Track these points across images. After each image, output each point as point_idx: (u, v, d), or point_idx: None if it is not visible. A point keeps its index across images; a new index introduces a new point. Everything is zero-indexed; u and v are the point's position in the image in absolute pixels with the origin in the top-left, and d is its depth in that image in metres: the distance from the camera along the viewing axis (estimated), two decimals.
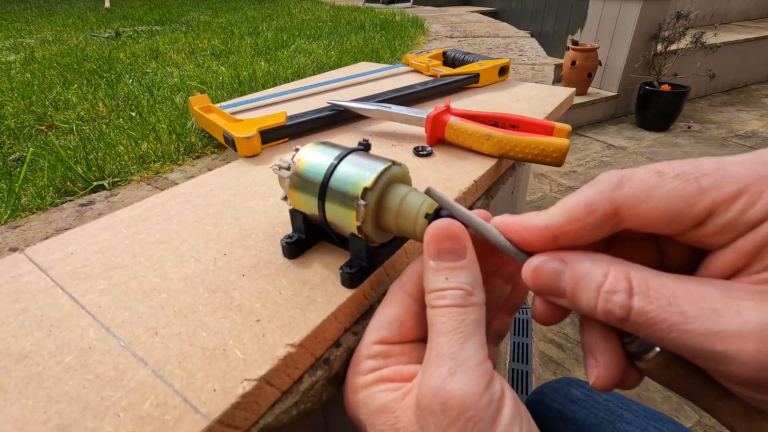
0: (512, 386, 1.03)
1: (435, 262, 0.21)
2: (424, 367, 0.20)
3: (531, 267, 0.19)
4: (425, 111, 0.48)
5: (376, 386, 0.22)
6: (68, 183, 0.47)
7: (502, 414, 0.18)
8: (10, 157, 0.57)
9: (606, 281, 0.17)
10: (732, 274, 0.16)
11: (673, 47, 2.63)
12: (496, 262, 0.25)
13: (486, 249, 0.24)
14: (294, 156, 0.28)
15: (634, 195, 0.16)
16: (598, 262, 0.17)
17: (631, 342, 0.19)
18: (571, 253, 0.18)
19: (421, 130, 0.51)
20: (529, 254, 0.20)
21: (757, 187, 0.14)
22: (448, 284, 0.21)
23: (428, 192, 0.23)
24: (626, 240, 0.21)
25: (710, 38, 2.62)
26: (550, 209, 0.19)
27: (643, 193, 0.16)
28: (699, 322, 0.14)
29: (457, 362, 0.19)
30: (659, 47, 2.67)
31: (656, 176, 0.16)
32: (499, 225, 0.21)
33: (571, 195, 0.18)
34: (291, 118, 0.51)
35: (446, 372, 0.19)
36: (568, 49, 2.74)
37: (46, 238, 0.37)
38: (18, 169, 0.51)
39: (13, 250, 0.36)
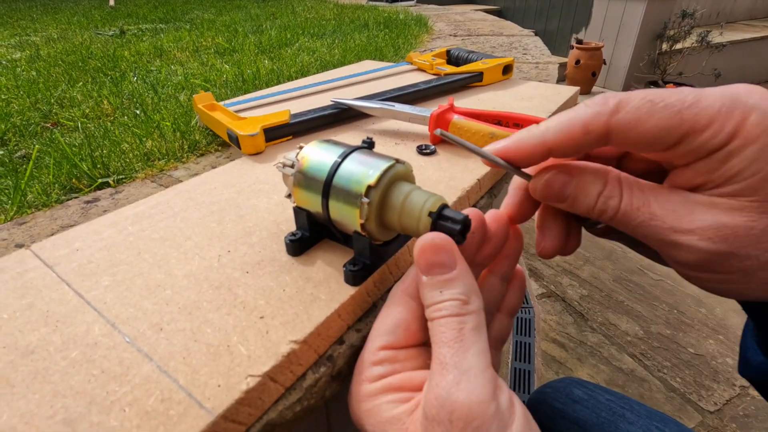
0: (514, 385, 1.03)
1: (427, 277, 0.21)
2: (429, 377, 0.20)
3: (542, 180, 0.21)
4: (429, 109, 0.48)
5: (385, 396, 0.22)
6: (73, 180, 0.47)
7: (513, 428, 0.18)
8: (16, 154, 0.58)
9: (605, 189, 0.20)
10: (690, 189, 0.19)
11: (679, 46, 2.61)
12: (489, 255, 0.25)
13: (477, 247, 0.24)
14: (298, 154, 0.28)
15: (628, 121, 0.18)
16: (599, 174, 0.21)
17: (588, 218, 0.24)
18: (574, 164, 0.21)
19: (424, 129, 0.51)
20: (527, 174, 0.23)
21: (721, 122, 0.16)
22: (443, 297, 0.21)
23: (441, 135, 0.23)
24: (593, 157, 0.24)
25: (716, 37, 2.60)
26: (545, 123, 0.20)
27: (635, 120, 0.18)
28: (662, 220, 0.19)
29: (461, 371, 0.19)
30: (664, 46, 2.66)
31: (648, 104, 0.18)
32: (499, 151, 0.22)
33: (566, 112, 0.20)
34: (295, 116, 0.51)
35: (451, 381, 0.19)
36: (572, 47, 2.72)
37: (52, 234, 0.37)
38: (24, 166, 0.52)
39: (20, 246, 0.36)
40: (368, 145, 0.29)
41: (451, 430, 0.18)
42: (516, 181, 0.25)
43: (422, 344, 0.24)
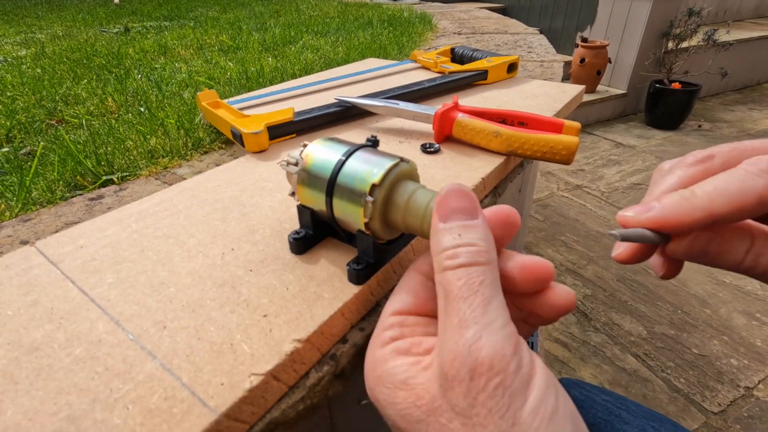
0: None
1: (446, 223, 0.20)
2: (442, 336, 0.19)
3: (686, 241, 0.20)
4: (433, 108, 0.48)
5: (393, 360, 0.21)
6: (78, 177, 0.47)
7: (534, 381, 0.17)
8: (21, 151, 0.58)
9: (753, 246, 0.20)
10: None
11: (685, 45, 2.59)
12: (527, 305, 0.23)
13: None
14: (302, 151, 0.28)
15: None
16: (743, 229, 0.20)
17: None
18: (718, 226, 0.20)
19: (428, 127, 0.51)
20: (666, 236, 0.21)
21: None
22: (461, 240, 0.19)
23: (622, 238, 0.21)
24: None
25: (723, 35, 2.58)
26: (704, 192, 0.19)
27: None
28: None
29: (482, 326, 0.18)
30: (670, 44, 2.63)
31: None
32: (656, 221, 0.20)
33: (730, 179, 0.19)
34: (298, 114, 0.51)
35: (471, 337, 0.17)
36: (577, 46, 2.71)
37: (57, 231, 0.38)
38: (29, 163, 0.52)
39: (24, 243, 0.37)
40: (372, 144, 0.29)
41: (471, 387, 0.17)
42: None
43: (431, 316, 0.23)
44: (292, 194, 0.29)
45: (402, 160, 0.26)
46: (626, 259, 0.23)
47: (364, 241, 0.27)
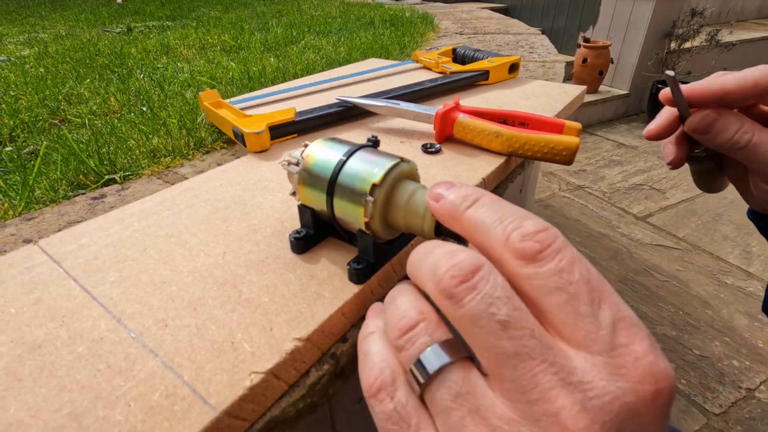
0: None
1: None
2: None
3: (700, 115, 0.28)
4: (434, 108, 0.48)
5: None
6: (81, 176, 0.48)
7: None
8: (25, 151, 0.58)
9: (743, 126, 0.27)
10: None
11: (687, 45, 2.58)
12: None
13: None
14: (303, 152, 0.28)
15: None
16: (738, 116, 0.28)
17: (699, 151, 0.32)
18: (721, 108, 0.28)
19: (429, 127, 0.51)
20: (689, 112, 0.29)
21: None
22: None
23: (667, 79, 0.28)
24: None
25: (725, 36, 2.57)
26: (720, 77, 0.27)
27: None
28: None
29: None
30: (673, 45, 2.63)
31: None
32: (691, 91, 0.28)
33: (736, 72, 0.27)
34: (300, 114, 0.52)
35: None
36: (579, 46, 2.70)
37: (59, 230, 0.38)
38: (32, 163, 0.52)
39: (27, 241, 0.37)
40: (373, 144, 0.29)
41: None
42: (666, 113, 0.31)
43: None
44: (293, 194, 0.30)
45: (402, 160, 0.26)
46: (656, 133, 0.32)
47: (365, 240, 0.27)
